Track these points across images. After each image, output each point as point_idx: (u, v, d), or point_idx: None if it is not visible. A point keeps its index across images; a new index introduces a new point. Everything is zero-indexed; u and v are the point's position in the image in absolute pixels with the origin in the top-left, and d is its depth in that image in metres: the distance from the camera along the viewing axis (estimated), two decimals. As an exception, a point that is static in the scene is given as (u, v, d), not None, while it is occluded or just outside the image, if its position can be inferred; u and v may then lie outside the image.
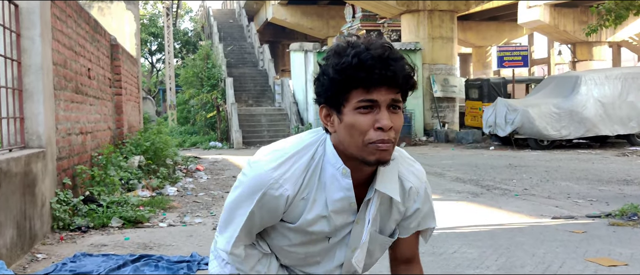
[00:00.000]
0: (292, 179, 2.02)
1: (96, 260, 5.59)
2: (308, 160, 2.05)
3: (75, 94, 8.72)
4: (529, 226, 7.09)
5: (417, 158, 8.20)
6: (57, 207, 7.13)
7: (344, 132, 1.95)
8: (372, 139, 1.90)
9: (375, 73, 1.86)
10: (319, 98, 2.01)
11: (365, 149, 1.92)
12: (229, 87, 26.37)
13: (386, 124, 1.88)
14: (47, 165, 6.88)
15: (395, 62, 1.88)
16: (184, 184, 11.94)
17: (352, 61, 1.87)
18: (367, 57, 1.86)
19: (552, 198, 9.44)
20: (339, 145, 2.01)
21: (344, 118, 1.93)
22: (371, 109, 1.89)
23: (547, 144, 18.99)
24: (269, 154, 2.08)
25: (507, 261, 5.36)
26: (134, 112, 15.96)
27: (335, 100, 1.94)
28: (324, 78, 1.95)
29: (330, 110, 1.98)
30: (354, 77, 1.87)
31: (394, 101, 1.91)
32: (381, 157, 1.93)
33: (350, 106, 1.91)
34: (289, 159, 2.04)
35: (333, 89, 1.93)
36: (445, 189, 10.66)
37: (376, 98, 1.88)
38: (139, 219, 7.87)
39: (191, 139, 26.19)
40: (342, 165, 2.01)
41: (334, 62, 1.91)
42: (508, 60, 22.91)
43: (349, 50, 1.90)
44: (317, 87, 2.00)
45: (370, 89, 1.88)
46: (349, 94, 1.90)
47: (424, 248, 5.98)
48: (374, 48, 1.89)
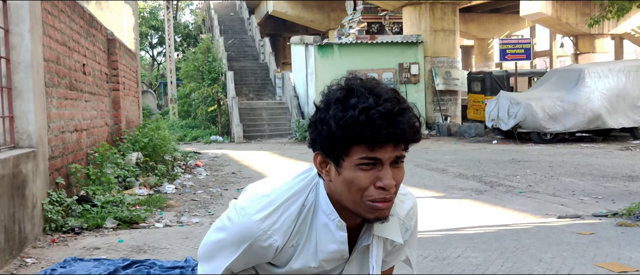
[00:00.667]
0: (281, 230, 1.92)
1: (87, 266, 5.39)
2: (298, 208, 1.94)
3: (69, 90, 8.52)
4: (535, 227, 6.89)
5: (419, 153, 8.02)
6: (50, 208, 6.94)
7: (342, 186, 1.84)
8: (372, 196, 1.81)
9: (383, 133, 1.74)
10: (314, 144, 1.88)
11: (363, 206, 1.83)
12: (230, 81, 26.19)
13: (389, 183, 1.79)
14: (38, 165, 6.68)
15: (404, 116, 1.77)
16: (183, 181, 11.74)
17: (359, 118, 1.74)
18: (375, 115, 1.73)
19: (557, 195, 9.24)
20: (334, 194, 1.91)
21: (343, 172, 1.81)
22: (373, 166, 1.79)
23: (550, 137, 18.81)
24: (257, 201, 1.96)
25: (514, 266, 5.16)
26: (133, 107, 15.77)
27: (334, 153, 1.82)
28: (323, 128, 1.81)
29: (327, 159, 1.86)
30: (359, 135, 1.75)
31: (397, 157, 1.82)
32: (380, 215, 1.85)
33: (351, 161, 1.79)
34: (279, 208, 1.93)
35: (333, 142, 1.80)
36: (448, 186, 10.46)
37: (380, 156, 1.78)
38: (134, 219, 7.68)
39: (192, 133, 26.04)
40: (337, 217, 1.92)
41: (336, 114, 1.77)
42: (510, 53, 22.67)
43: (354, 102, 1.76)
44: (314, 133, 1.86)
45: (374, 147, 1.76)
46: (350, 149, 1.79)
47: (428, 252, 5.80)
48: (383, 102, 1.75)
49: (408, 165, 13.50)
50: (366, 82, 1.84)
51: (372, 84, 1.83)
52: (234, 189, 10.73)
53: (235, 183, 11.56)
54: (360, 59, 23.05)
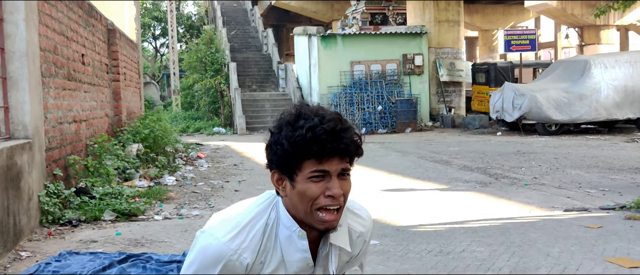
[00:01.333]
0: (250, 247, 2.08)
1: (82, 259, 5.24)
2: (263, 226, 2.11)
3: (68, 80, 8.38)
4: (542, 220, 6.75)
5: (423, 144, 7.86)
6: (46, 200, 6.81)
7: (296, 198, 2.04)
8: (320, 203, 2.01)
9: (327, 147, 1.97)
10: (271, 164, 2.10)
11: (313, 217, 2.04)
12: (233, 72, 26.01)
13: (337, 192, 2.01)
14: (34, 156, 6.55)
15: (346, 133, 2.01)
16: (184, 172, 11.61)
17: (306, 135, 1.97)
18: (320, 131, 1.97)
19: (562, 188, 9.09)
20: (291, 209, 2.09)
21: (297, 185, 2.02)
22: (323, 177, 2.01)
23: (554, 129, 18.64)
24: (223, 225, 2.11)
25: (520, 261, 5.01)
26: (135, 98, 15.64)
27: (288, 169, 2.03)
28: (278, 148, 2.03)
29: (283, 176, 2.06)
30: (308, 150, 1.97)
31: (343, 170, 2.03)
32: (329, 226, 2.06)
33: (303, 175, 2.01)
34: (244, 228, 2.09)
35: (286, 159, 2.02)
36: (452, 178, 10.31)
37: (328, 169, 2.00)
38: (133, 211, 7.54)
39: (195, 125, 25.90)
40: (298, 228, 2.09)
41: (287, 134, 2.01)
42: (515, 44, 22.45)
43: (302, 123, 2.00)
44: (270, 154, 2.08)
45: (322, 160, 1.99)
46: (301, 164, 2.00)
47: (432, 246, 5.67)
48: (327, 121, 2.00)
49: (412, 157, 13.38)
50: (313, 107, 2.08)
51: (317, 108, 2.07)
52: (236, 181, 10.60)
53: (237, 175, 11.43)
54: (363, 50, 22.85)
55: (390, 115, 22.09)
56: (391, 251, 5.42)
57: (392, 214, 7.28)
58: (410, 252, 5.40)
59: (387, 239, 5.86)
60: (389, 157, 13.53)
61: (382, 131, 21.63)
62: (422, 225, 6.60)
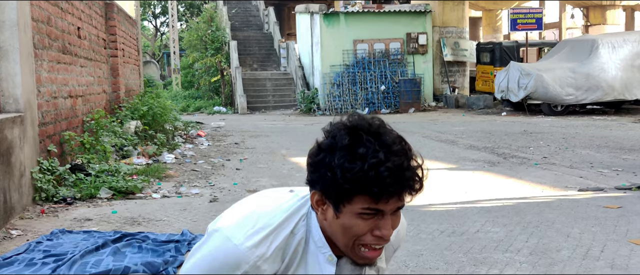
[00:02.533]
0: (271, 258, 1.81)
1: (76, 238, 4.99)
2: (287, 236, 1.83)
3: (62, 54, 8.07)
4: (557, 200, 6.46)
5: (427, 124, 7.51)
6: (40, 177, 6.53)
7: (338, 230, 1.78)
8: (366, 242, 1.77)
9: (390, 190, 1.69)
10: (313, 184, 1.80)
11: (354, 251, 1.80)
12: (233, 51, 25.67)
13: (387, 234, 1.76)
14: (26, 131, 6.25)
15: (413, 172, 1.73)
16: (183, 150, 11.32)
17: (368, 173, 1.67)
18: (385, 172, 1.67)
19: (574, 167, 8.80)
20: (326, 230, 1.84)
21: (342, 217, 1.75)
22: (374, 215, 1.75)
23: (560, 109, 18.34)
24: (241, 227, 1.83)
25: (539, 243, 4.73)
26: (134, 75, 15.31)
27: (335, 199, 1.75)
28: (327, 174, 1.73)
29: (327, 201, 1.78)
30: (366, 189, 1.69)
31: (398, 208, 1.78)
32: (369, 263, 1.84)
33: (352, 209, 1.73)
34: (268, 236, 1.82)
35: (336, 190, 1.73)
36: (459, 158, 10.02)
37: (383, 208, 1.74)
38: (130, 189, 7.27)
39: (195, 104, 25.64)
40: (329, 251, 1.85)
41: (343, 164, 1.69)
42: (521, 23, 22.07)
43: (362, 152, 1.69)
44: (315, 175, 1.78)
45: (379, 201, 1.71)
46: (352, 198, 1.72)
47: (444, 226, 5.38)
48: (393, 156, 1.69)
49: (416, 137, 13.10)
50: (373, 126, 1.77)
51: (379, 129, 1.76)
52: (237, 159, 10.31)
53: (238, 153, 11.14)
54: (366, 28, 22.47)
55: (394, 95, 21.77)
56: (401, 231, 5.14)
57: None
58: (422, 233, 5.12)
59: (396, 219, 5.58)
60: (393, 137, 13.22)
61: (385, 111, 21.32)
62: (432, 205, 6.32)
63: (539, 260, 4.28)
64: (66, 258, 4.22)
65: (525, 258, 4.35)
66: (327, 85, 21.77)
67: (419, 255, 4.44)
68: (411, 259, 4.35)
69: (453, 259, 4.34)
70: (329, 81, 21.82)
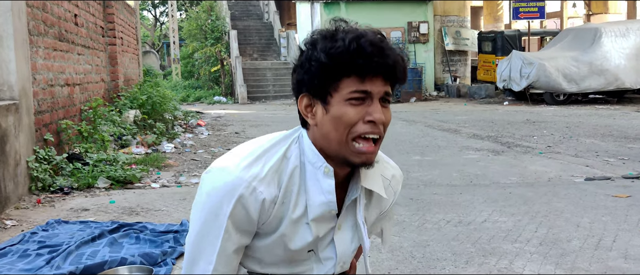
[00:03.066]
0: (266, 180, 1.72)
1: (72, 229, 4.85)
2: (280, 158, 1.76)
3: (59, 41, 7.91)
4: (564, 189, 6.32)
5: (429, 114, 7.35)
6: (36, 166, 6.39)
7: (329, 125, 1.72)
8: (359, 131, 1.70)
9: (374, 61, 1.67)
10: (300, 86, 1.77)
11: (349, 147, 1.72)
12: (233, 40, 25.48)
13: (379, 117, 1.70)
14: (22, 119, 6.11)
15: (392, 52, 1.71)
16: (183, 140, 11.18)
17: (350, 46, 1.66)
18: (365, 42, 1.67)
19: (579, 156, 8.67)
20: (319, 141, 1.77)
21: (331, 109, 1.71)
22: (363, 100, 1.70)
23: (563, 98, 18.19)
24: (235, 157, 1.76)
25: (549, 232, 4.59)
26: (133, 64, 15.14)
27: (322, 89, 1.72)
28: (312, 64, 1.71)
29: (314, 100, 1.75)
30: (351, 64, 1.67)
31: (386, 94, 1.74)
32: (366, 160, 1.74)
33: (340, 96, 1.69)
34: (260, 157, 1.75)
35: (322, 76, 1.70)
36: (462, 147, 9.88)
37: (370, 89, 1.69)
38: (129, 179, 7.12)
39: (195, 94, 25.47)
40: (324, 163, 1.76)
41: (325, 46, 1.69)
42: (523, 12, 21.88)
43: (342, 35, 1.69)
44: (300, 74, 1.76)
45: (365, 79, 1.68)
46: (339, 83, 1.69)
47: (450, 216, 5.24)
48: (371, 34, 1.70)
49: (419, 126, 12.96)
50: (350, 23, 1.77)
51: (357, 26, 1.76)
52: (237, 149, 10.15)
53: (238, 143, 10.95)
54: (367, 17, 22.23)
55: (395, 84, 21.58)
56: (407, 221, 5.00)
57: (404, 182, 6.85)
58: (428, 222, 4.98)
59: (401, 209, 5.44)
60: (395, 126, 13.08)
61: (386, 100, 21.14)
62: (437, 194, 6.18)
63: (550, 251, 4.14)
64: (61, 249, 4.09)
65: (536, 248, 4.21)
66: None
67: (426, 246, 4.31)
68: (417, 250, 4.21)
69: (461, 250, 4.20)
70: (330, 70, 21.62)
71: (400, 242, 4.36)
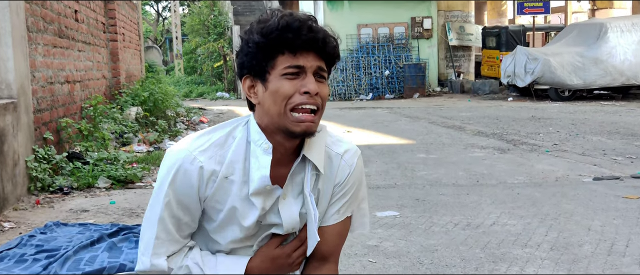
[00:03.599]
0: (207, 153, 1.85)
1: (71, 231, 4.72)
2: (225, 136, 1.90)
3: (59, 37, 7.80)
4: (573, 189, 6.19)
5: (433, 109, 7.18)
6: (35, 166, 6.28)
7: (269, 100, 1.84)
8: (295, 102, 1.81)
9: (303, 34, 1.79)
10: (241, 70, 1.90)
11: (288, 118, 1.82)
12: (236, 36, 25.34)
13: (312, 88, 1.81)
14: (20, 118, 6.00)
15: (321, 29, 1.84)
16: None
17: (279, 23, 1.79)
18: (293, 20, 1.79)
19: (587, 155, 8.54)
20: (263, 119, 1.88)
21: (269, 85, 1.83)
22: (297, 75, 1.82)
23: (568, 95, 18.03)
24: (186, 137, 1.93)
25: (560, 236, 4.47)
26: (134, 60, 15.03)
27: (260, 68, 1.85)
28: (248, 45, 1.85)
29: (255, 80, 1.88)
30: (281, 39, 1.79)
31: (319, 69, 1.85)
32: (307, 128, 1.83)
33: (276, 73, 1.82)
34: (205, 134, 1.90)
35: (258, 55, 1.83)
36: (467, 144, 9.76)
37: (303, 64, 1.81)
38: (130, 178, 7.02)
39: (198, 90, 25.36)
40: (264, 140, 1.87)
41: (258, 28, 1.83)
42: (528, 7, 21.70)
43: (273, 16, 1.83)
44: (240, 57, 1.89)
45: (296, 54, 1.81)
46: (275, 60, 1.82)
47: (458, 218, 5.12)
48: (301, 15, 1.84)
49: (422, 122, 12.83)
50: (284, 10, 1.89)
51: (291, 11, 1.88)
52: (239, 147, 10.04)
53: (241, 140, 10.85)
54: (371, 12, 22.08)
55: (398, 80, 21.46)
56: (413, 224, 4.88)
57: (408, 181, 6.74)
58: (435, 225, 4.87)
59: (407, 210, 5.33)
60: (398, 123, 12.96)
61: (390, 96, 21.03)
62: (443, 195, 6.07)
63: (562, 256, 4.02)
64: (59, 254, 3.97)
65: (546, 254, 4.09)
66: (331, 70, 21.44)
67: (434, 251, 4.19)
68: (425, 256, 4.10)
69: (470, 255, 4.08)
70: (333, 66, 21.49)
71: (408, 247, 4.24)
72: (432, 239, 4.46)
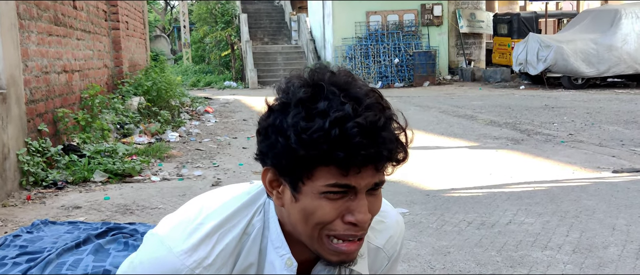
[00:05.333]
0: (214, 267, 1.36)
1: (59, 230, 4.41)
2: (238, 235, 1.41)
3: (55, 25, 7.50)
4: (593, 184, 5.87)
5: (443, 98, 6.76)
6: (27, 159, 6.00)
7: (298, 216, 1.34)
8: (336, 232, 1.33)
9: (362, 154, 1.23)
10: (263, 158, 1.37)
11: (323, 245, 1.35)
12: (244, 24, 25.04)
13: (363, 219, 1.31)
14: (10, 109, 5.71)
15: (389, 130, 1.27)
16: (189, 128, 10.78)
17: (330, 132, 1.23)
18: (353, 129, 1.22)
19: (604, 145, 8.20)
20: (286, 222, 1.41)
21: (301, 199, 1.31)
22: (344, 194, 1.30)
23: (581, 83, 17.64)
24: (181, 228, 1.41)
25: (582, 237, 4.15)
26: (139, 49, 14.73)
27: (292, 174, 1.30)
28: (278, 140, 1.29)
29: (281, 179, 1.35)
30: (329, 156, 1.24)
31: (376, 184, 1.32)
32: (346, 259, 1.38)
33: (314, 187, 1.29)
34: (210, 236, 1.39)
35: (291, 161, 1.28)
36: (480, 134, 9.43)
37: (355, 184, 1.28)
38: (128, 171, 6.73)
39: (206, 79, 25.07)
40: (287, 255, 1.42)
41: (299, 124, 1.25)
42: (541, -7, 21.32)
43: (323, 106, 1.25)
44: (264, 144, 1.34)
45: (349, 172, 1.26)
46: (314, 171, 1.28)
47: (471, 216, 4.80)
48: (364, 109, 1.25)
49: (433, 112, 12.49)
50: (338, 76, 1.32)
51: (346, 80, 1.31)
52: (244, 137, 9.76)
53: (246, 131, 10.58)
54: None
55: (408, 68, 21.10)
56: (424, 222, 4.57)
57: (419, 175, 6.41)
58: (447, 224, 4.55)
59: (417, 207, 5.02)
60: (408, 112, 12.53)
61: (399, 85, 20.68)
62: (455, 190, 5.75)
63: (586, 260, 3.70)
64: (41, 257, 3.68)
65: (569, 257, 3.77)
66: (339, 58, 21.13)
67: (446, 254, 3.87)
68: (437, 259, 3.78)
69: (485, 259, 3.76)
70: (341, 54, 21.19)
71: (418, 249, 3.93)
72: (444, 240, 4.14)
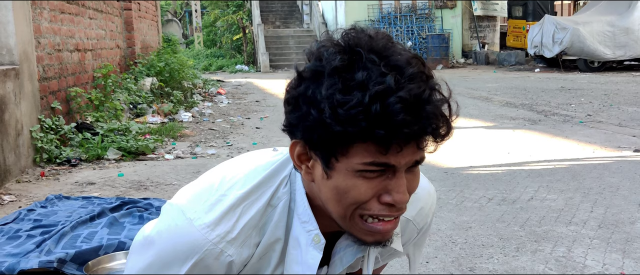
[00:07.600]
0: (237, 241, 1.26)
1: (72, 206, 4.38)
2: (262, 209, 1.30)
3: (67, 3, 7.42)
4: (615, 162, 5.75)
5: (457, 81, 6.66)
6: (40, 136, 5.94)
7: (329, 193, 1.21)
8: (372, 211, 1.19)
9: (405, 132, 1.09)
10: (293, 130, 1.21)
11: (357, 225, 1.23)
12: (255, 7, 24.91)
13: (401, 199, 1.17)
14: (23, 85, 5.65)
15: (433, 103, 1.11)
16: (201, 108, 10.71)
17: (371, 108, 1.07)
18: (396, 105, 1.07)
19: (624, 126, 8.07)
20: (315, 197, 1.29)
21: (334, 176, 1.17)
22: (382, 173, 1.16)
23: (597, 65, 17.44)
24: (202, 199, 1.29)
25: (607, 213, 4.04)
26: (151, 31, 14.63)
27: (325, 149, 1.15)
28: (311, 112, 1.13)
29: (312, 154, 1.20)
30: (367, 133, 1.09)
31: (416, 162, 1.19)
32: (381, 239, 1.25)
33: (349, 164, 1.14)
34: (234, 209, 1.27)
35: (324, 136, 1.13)
36: (496, 115, 9.30)
37: (394, 163, 1.14)
38: (141, 149, 6.67)
39: (217, 63, 25.01)
40: (315, 229, 1.29)
41: (335, 97, 1.09)
42: (556, -25, 21.08)
43: (361, 77, 1.09)
44: (293, 115, 1.18)
45: (389, 150, 1.11)
46: (349, 148, 1.13)
47: (492, 192, 4.69)
48: (407, 80, 1.08)
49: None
50: (377, 41, 1.15)
51: (385, 44, 1.14)
52: (257, 118, 9.69)
53: (259, 111, 10.50)
54: (393, -19, 21.59)
55: (421, 51, 20.94)
56: (443, 199, 4.47)
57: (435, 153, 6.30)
58: (467, 200, 4.45)
59: (435, 184, 4.92)
60: (423, 94, 12.52)
61: (413, 68, 20.52)
62: (474, 167, 5.64)
63: (612, 235, 3.60)
64: (55, 230, 3.63)
65: (594, 232, 3.67)
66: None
67: (467, 228, 3.78)
68: (458, 233, 3.69)
69: (508, 233, 3.67)
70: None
71: (438, 224, 3.84)
72: (464, 215, 4.05)
